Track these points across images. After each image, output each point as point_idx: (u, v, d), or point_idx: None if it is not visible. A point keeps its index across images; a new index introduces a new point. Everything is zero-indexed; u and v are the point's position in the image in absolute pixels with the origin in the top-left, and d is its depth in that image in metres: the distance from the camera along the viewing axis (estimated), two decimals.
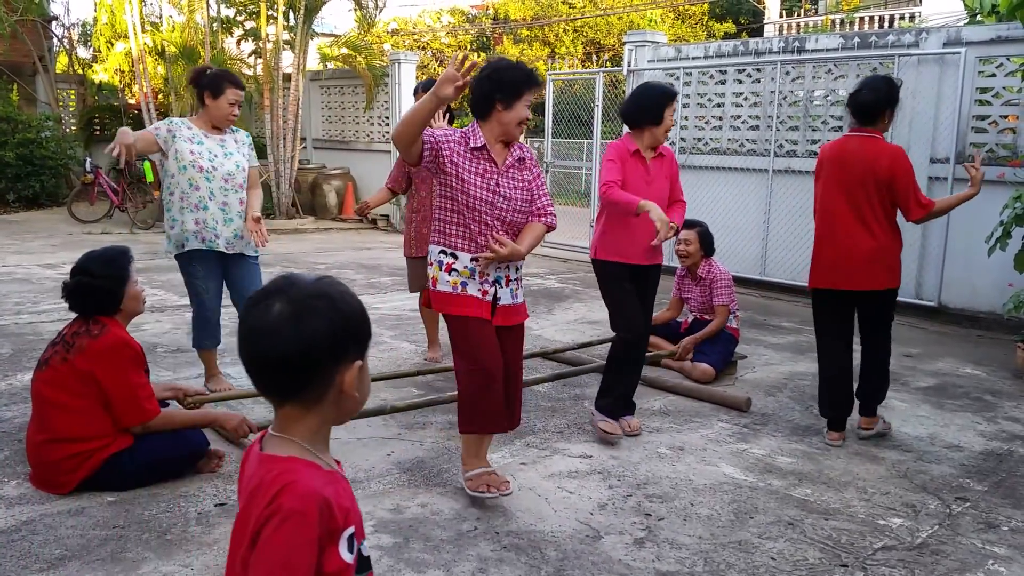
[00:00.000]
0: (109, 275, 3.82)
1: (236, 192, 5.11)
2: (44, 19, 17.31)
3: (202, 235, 5.04)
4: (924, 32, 8.60)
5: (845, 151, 4.64)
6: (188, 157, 4.97)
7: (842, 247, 4.62)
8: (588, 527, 3.64)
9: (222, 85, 5.00)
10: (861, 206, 4.57)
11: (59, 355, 3.74)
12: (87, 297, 3.81)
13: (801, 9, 27.35)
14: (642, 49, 10.95)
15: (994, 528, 3.76)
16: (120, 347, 3.74)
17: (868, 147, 4.58)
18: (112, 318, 3.83)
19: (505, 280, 3.86)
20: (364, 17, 17.36)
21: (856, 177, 4.56)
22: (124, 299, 3.86)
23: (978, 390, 5.97)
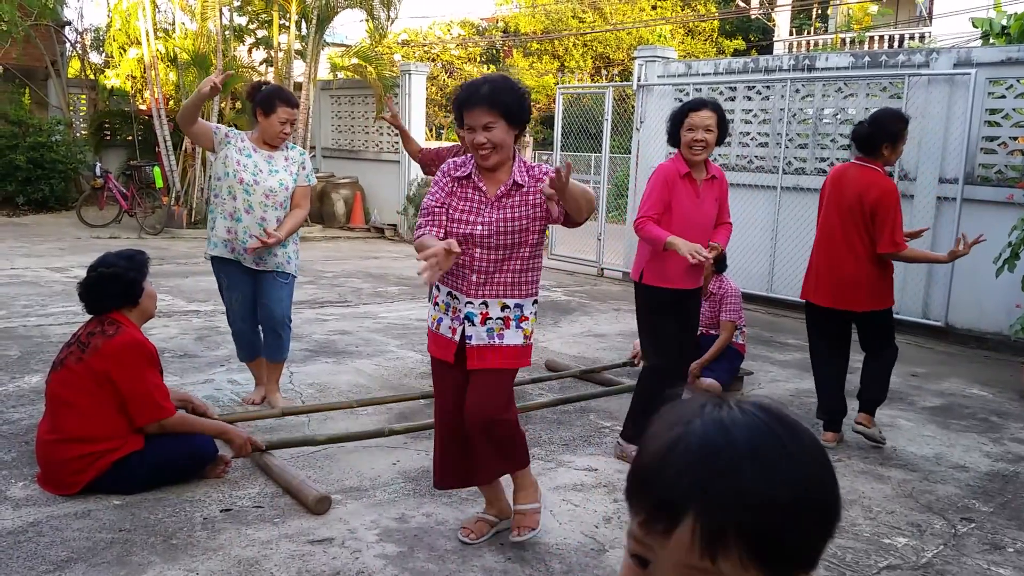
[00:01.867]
0: (130, 267, 3.90)
1: (276, 209, 4.99)
2: (57, 24, 17.41)
3: (232, 245, 5.00)
4: (935, 52, 8.62)
5: (844, 178, 4.86)
6: (233, 166, 4.94)
7: (830, 268, 4.87)
8: (593, 540, 3.64)
9: (274, 103, 4.95)
10: (850, 232, 4.79)
11: (74, 355, 3.78)
12: (107, 288, 3.86)
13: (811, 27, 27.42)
14: (652, 64, 10.99)
15: (999, 549, 3.76)
16: (135, 346, 3.78)
17: (863, 177, 4.79)
18: (127, 318, 3.87)
19: (481, 318, 3.36)
20: (376, 28, 17.40)
21: (848, 203, 4.77)
22: (142, 295, 3.92)
23: (984, 411, 5.96)
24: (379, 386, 5.80)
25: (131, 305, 3.91)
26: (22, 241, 12.36)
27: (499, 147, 3.28)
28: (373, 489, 4.06)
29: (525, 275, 3.43)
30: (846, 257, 4.79)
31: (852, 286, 4.81)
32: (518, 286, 3.41)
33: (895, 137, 4.75)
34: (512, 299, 3.40)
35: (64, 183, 16.13)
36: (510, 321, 3.40)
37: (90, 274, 3.90)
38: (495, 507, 3.67)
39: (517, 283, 3.41)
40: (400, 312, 8.40)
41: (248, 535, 3.53)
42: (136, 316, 3.94)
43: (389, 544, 3.50)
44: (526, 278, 3.44)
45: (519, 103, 3.30)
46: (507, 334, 3.39)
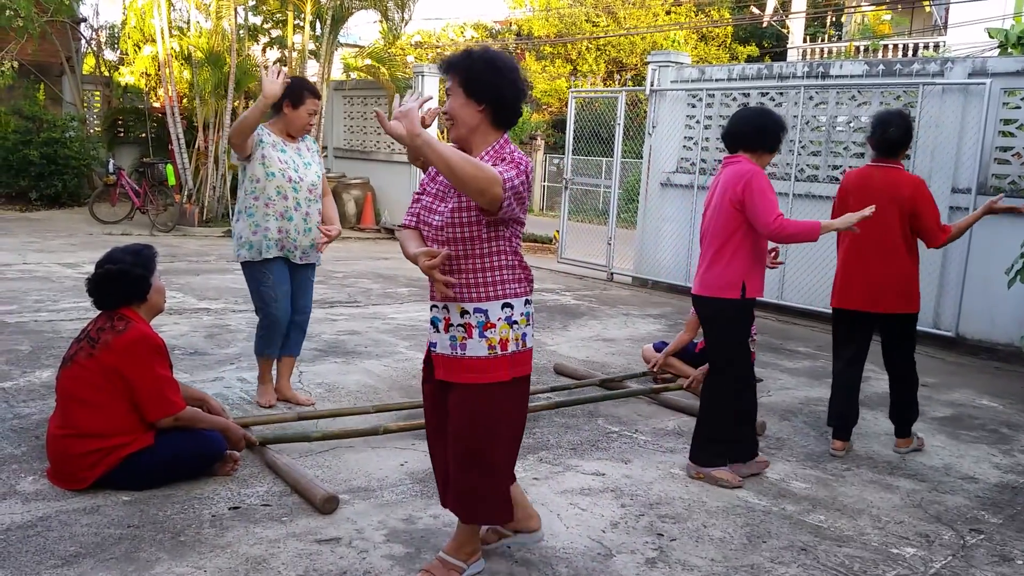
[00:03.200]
0: (137, 263, 3.91)
1: (316, 203, 5.05)
2: (73, 20, 17.49)
3: (283, 244, 4.97)
4: (949, 62, 8.60)
5: (870, 180, 4.84)
6: (278, 165, 4.90)
7: (866, 270, 4.84)
8: (600, 545, 3.63)
9: (303, 95, 4.91)
10: (884, 233, 4.77)
11: (84, 351, 3.79)
12: (115, 284, 3.88)
13: (825, 35, 27.37)
14: (665, 69, 10.99)
15: (1008, 561, 3.74)
16: (144, 341, 3.80)
17: (891, 177, 4.83)
18: (136, 313, 3.89)
19: (444, 323, 3.08)
20: (390, 29, 17.46)
21: (885, 206, 4.71)
22: (150, 290, 3.93)
23: (994, 422, 5.93)
24: (388, 387, 5.81)
25: (139, 301, 3.93)
26: (34, 236, 12.42)
27: (455, 120, 3.02)
28: (381, 490, 4.06)
29: (487, 275, 3.02)
30: (883, 258, 4.81)
31: (887, 287, 4.81)
32: (477, 287, 3.02)
33: (911, 137, 4.95)
34: (471, 303, 3.02)
35: (77, 179, 16.20)
36: (472, 329, 3.02)
37: (98, 270, 3.91)
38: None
39: (476, 284, 3.02)
40: (410, 313, 8.40)
41: (256, 533, 3.53)
42: (145, 311, 3.96)
43: (396, 545, 3.51)
44: (488, 278, 3.02)
45: (480, 72, 2.97)
46: (469, 344, 3.02)
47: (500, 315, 3.03)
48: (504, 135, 3.08)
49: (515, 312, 3.06)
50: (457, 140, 3.07)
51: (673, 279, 10.78)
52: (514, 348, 3.06)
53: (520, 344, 3.08)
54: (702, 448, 4.48)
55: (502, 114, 3.03)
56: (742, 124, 4.47)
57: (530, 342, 3.15)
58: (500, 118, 3.04)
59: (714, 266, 4.37)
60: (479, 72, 2.97)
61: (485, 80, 2.97)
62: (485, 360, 3.02)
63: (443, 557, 3.25)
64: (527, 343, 3.12)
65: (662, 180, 10.95)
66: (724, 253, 4.35)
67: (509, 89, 3.00)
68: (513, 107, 3.05)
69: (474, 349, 3.02)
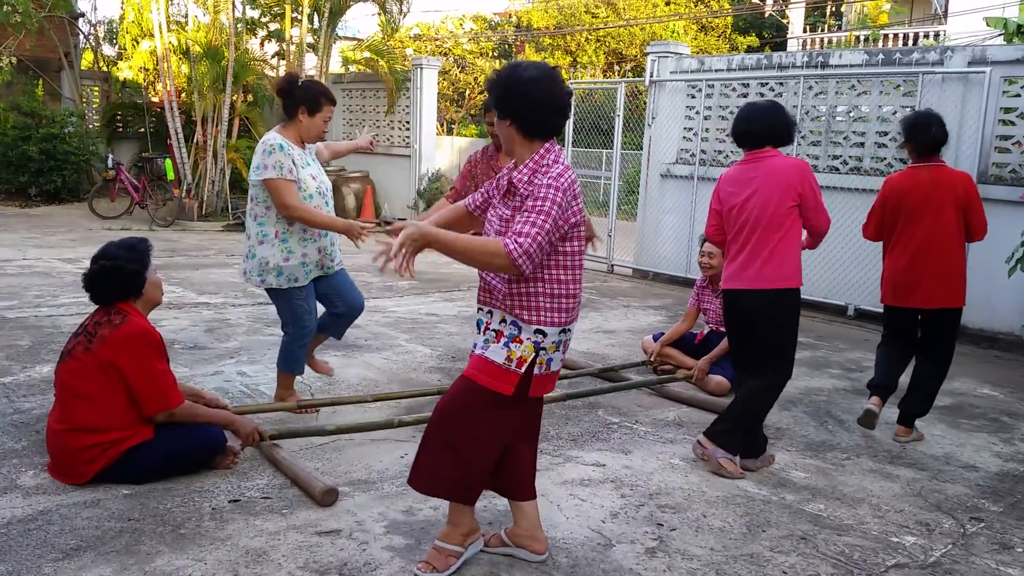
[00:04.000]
0: (131, 258, 3.90)
1: (330, 206, 4.91)
2: (71, 16, 17.46)
3: (322, 263, 4.82)
4: (949, 51, 8.57)
5: (922, 181, 4.96)
6: (312, 184, 4.68)
7: (940, 269, 4.94)
8: (600, 535, 3.64)
9: (320, 102, 4.67)
10: (947, 231, 4.93)
11: (82, 345, 3.79)
12: (109, 281, 3.88)
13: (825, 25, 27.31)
14: (665, 60, 10.96)
15: (1008, 549, 3.74)
16: (141, 335, 3.80)
17: (943, 175, 4.97)
18: (133, 307, 3.89)
19: (484, 326, 3.20)
20: (388, 22, 17.43)
21: (942, 203, 4.90)
22: (145, 285, 3.92)
23: (995, 411, 5.93)
24: (388, 380, 5.81)
25: (135, 295, 3.92)
26: (34, 232, 12.42)
27: (501, 138, 3.22)
28: (381, 482, 4.07)
29: (531, 299, 3.07)
30: (948, 255, 4.93)
31: (949, 283, 4.96)
32: (520, 304, 3.08)
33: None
34: (511, 315, 3.10)
35: (76, 175, 16.20)
36: (502, 336, 3.10)
37: (92, 266, 3.92)
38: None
39: (520, 301, 3.08)
40: (410, 307, 8.41)
41: (256, 526, 3.54)
42: (142, 305, 3.96)
43: (396, 536, 3.51)
44: (531, 302, 3.07)
45: (499, 89, 3.13)
46: (493, 347, 3.11)
47: (531, 337, 3.08)
48: (545, 145, 3.13)
49: (547, 340, 3.09)
50: (507, 154, 3.23)
51: (673, 271, 10.78)
52: (538, 371, 3.12)
53: (544, 368, 3.14)
54: (726, 432, 4.44)
55: (529, 126, 3.10)
56: (772, 119, 4.43)
57: (556, 365, 3.20)
58: (529, 130, 3.11)
59: (774, 258, 4.34)
60: (499, 90, 3.12)
61: (503, 97, 3.11)
62: (499, 368, 3.08)
63: (438, 545, 3.27)
64: (551, 367, 3.17)
65: (662, 171, 10.93)
66: (783, 245, 4.34)
67: (521, 103, 3.06)
68: (534, 118, 3.09)
69: (495, 353, 3.09)
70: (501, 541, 3.43)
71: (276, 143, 4.58)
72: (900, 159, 8.76)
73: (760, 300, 4.36)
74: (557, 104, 3.11)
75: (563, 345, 3.18)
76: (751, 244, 4.36)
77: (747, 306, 4.42)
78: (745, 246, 4.38)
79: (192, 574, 3.13)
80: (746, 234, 4.38)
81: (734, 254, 4.46)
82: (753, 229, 4.36)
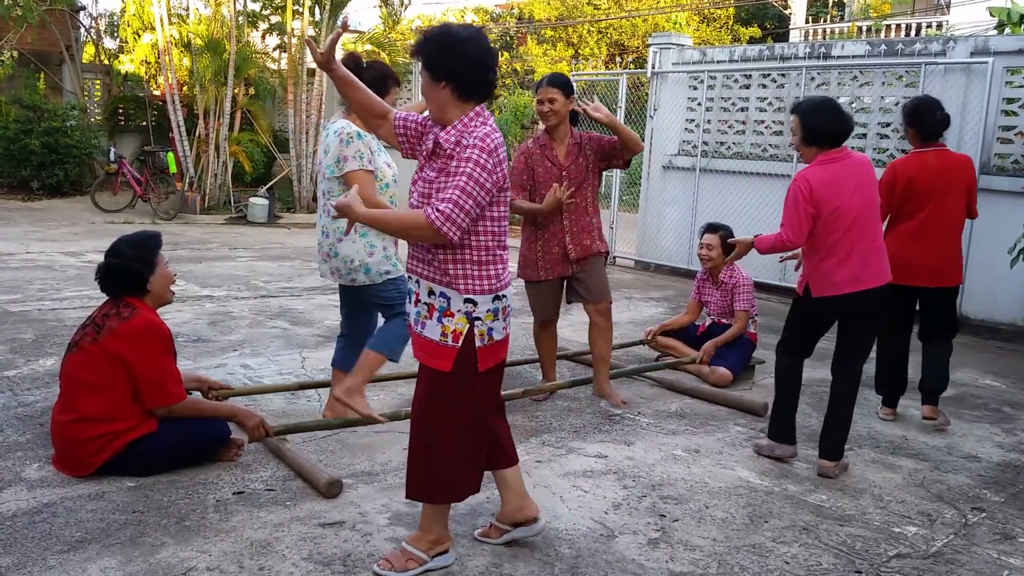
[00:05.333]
0: (137, 257, 3.92)
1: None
2: (72, 9, 17.45)
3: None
4: (951, 41, 8.55)
5: (931, 165, 5.05)
6: (388, 173, 4.41)
7: (940, 249, 5.06)
8: (602, 526, 3.65)
9: (388, 84, 4.34)
10: (954, 212, 5.09)
11: (89, 336, 3.82)
12: (116, 278, 3.91)
13: (827, 15, 27.23)
14: (667, 51, 10.94)
15: (1010, 539, 3.75)
16: (149, 329, 3.81)
17: (949, 158, 5.13)
18: (142, 301, 3.91)
19: (414, 297, 3.12)
20: (389, 14, 17.43)
21: (949, 186, 5.03)
22: (152, 281, 3.95)
23: (997, 401, 5.94)
24: (389, 369, 5.81)
25: (141, 293, 3.94)
26: (37, 226, 12.43)
27: (427, 100, 3.09)
28: (384, 473, 4.08)
29: (457, 267, 3.01)
30: (953, 235, 5.10)
31: (954, 261, 5.13)
32: (445, 272, 3.01)
33: None
34: (438, 285, 3.03)
35: (78, 168, 16.21)
36: (433, 311, 3.04)
37: (104, 261, 3.96)
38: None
39: (445, 269, 3.01)
40: None
41: (260, 517, 3.55)
42: (151, 300, 3.98)
43: (400, 528, 3.52)
44: (459, 270, 3.01)
45: (433, 51, 3.00)
46: (428, 324, 3.04)
47: (461, 307, 3.01)
48: (476, 107, 3.06)
49: (479, 309, 3.02)
50: (434, 119, 3.12)
51: (676, 262, 10.78)
52: (480, 343, 3.04)
53: (486, 339, 3.05)
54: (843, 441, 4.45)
55: (465, 88, 3.01)
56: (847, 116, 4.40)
57: (499, 335, 3.10)
58: (465, 92, 3.02)
59: (884, 253, 4.42)
60: (432, 51, 3.01)
61: (438, 58, 2.99)
62: (436, 345, 3.03)
63: (404, 546, 3.21)
64: (495, 336, 3.08)
65: (664, 163, 10.92)
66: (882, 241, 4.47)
67: (462, 63, 2.97)
68: (473, 78, 3.01)
69: (431, 331, 3.04)
70: (499, 530, 3.42)
71: (353, 131, 4.27)
72: (902, 150, 8.75)
73: (885, 294, 4.39)
74: (493, 63, 3.07)
75: (501, 313, 3.09)
76: (863, 241, 4.28)
77: (874, 307, 4.37)
78: (856, 244, 4.26)
79: (197, 566, 3.14)
80: (855, 233, 4.25)
81: (843, 256, 4.25)
82: (864, 226, 4.28)
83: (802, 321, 4.52)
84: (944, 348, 5.27)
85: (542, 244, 5.23)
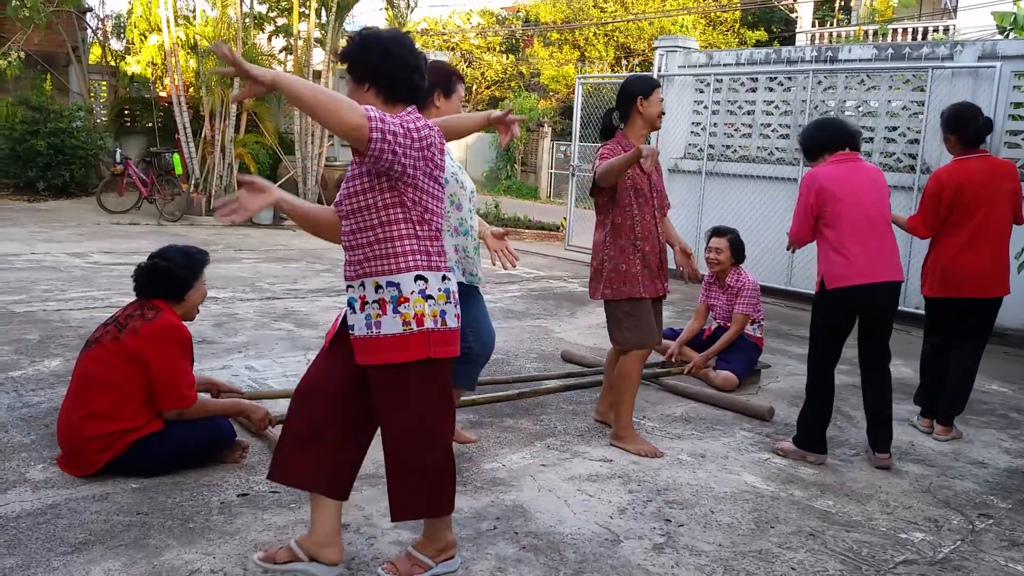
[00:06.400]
0: (185, 265, 4.00)
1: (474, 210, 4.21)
2: (79, 10, 17.49)
3: (463, 265, 4.04)
4: (959, 45, 8.53)
5: (977, 172, 4.96)
6: (450, 168, 3.99)
7: (986, 259, 4.96)
8: (607, 531, 3.63)
9: (453, 82, 4.16)
10: (1002, 221, 5.01)
11: (110, 334, 3.84)
12: (157, 278, 3.97)
13: (834, 19, 27.20)
14: (673, 55, 10.94)
15: (1018, 546, 3.73)
16: (173, 331, 3.86)
17: (995, 165, 5.06)
18: (168, 307, 3.94)
19: (359, 302, 2.92)
20: (395, 17, 17.42)
21: (996, 193, 4.96)
22: (191, 294, 4.02)
23: (1004, 407, 5.91)
24: None
25: (176, 300, 3.99)
26: (42, 226, 12.45)
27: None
28: None
29: (393, 244, 2.87)
30: (1000, 244, 5.01)
31: (1001, 272, 5.03)
32: (386, 258, 2.88)
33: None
34: (383, 276, 2.88)
35: (84, 169, 16.23)
36: (386, 305, 2.87)
37: (148, 261, 4.01)
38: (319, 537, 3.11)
39: (384, 255, 2.88)
40: None
41: (265, 520, 3.54)
42: (180, 310, 4.03)
43: (404, 531, 3.51)
44: (396, 248, 2.87)
45: (354, 55, 2.93)
46: (384, 321, 2.87)
47: (413, 288, 2.88)
48: (408, 108, 2.95)
49: (430, 286, 2.90)
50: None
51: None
52: (431, 325, 2.89)
53: (439, 322, 2.91)
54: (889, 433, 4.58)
55: (390, 90, 2.92)
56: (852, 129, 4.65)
57: (452, 322, 2.96)
58: (391, 94, 2.93)
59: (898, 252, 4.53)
60: (354, 55, 2.93)
61: (359, 61, 2.92)
62: (397, 338, 2.86)
63: (410, 552, 3.16)
64: (448, 322, 2.94)
65: (670, 166, 10.90)
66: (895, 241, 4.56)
67: (383, 63, 2.88)
68: (397, 79, 2.91)
69: (389, 326, 2.86)
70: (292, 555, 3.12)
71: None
72: (910, 154, 8.73)
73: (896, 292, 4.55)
74: (419, 63, 2.96)
75: (452, 296, 2.97)
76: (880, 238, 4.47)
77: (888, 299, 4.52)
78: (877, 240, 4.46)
79: (201, 568, 3.13)
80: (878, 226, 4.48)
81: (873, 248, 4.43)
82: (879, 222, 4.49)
83: (821, 317, 4.59)
84: (971, 365, 5.14)
85: (643, 256, 4.62)
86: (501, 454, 4.44)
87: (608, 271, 4.61)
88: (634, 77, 4.89)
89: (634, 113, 4.71)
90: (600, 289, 4.66)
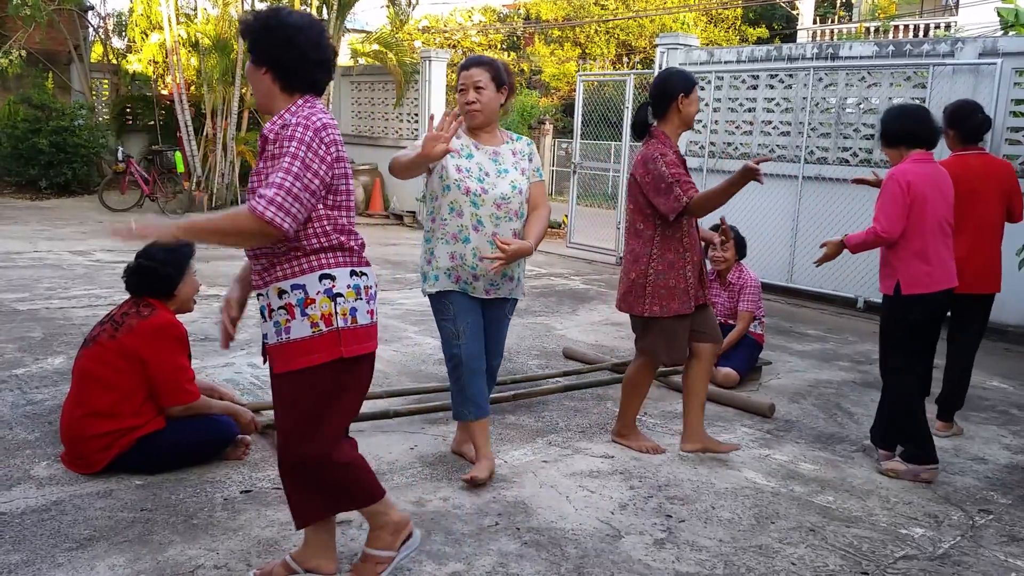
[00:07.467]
0: (169, 261, 4.00)
1: (511, 220, 3.96)
2: (80, 8, 17.48)
3: (457, 274, 3.96)
4: (960, 42, 8.54)
5: (971, 168, 4.97)
6: (454, 175, 3.91)
7: (981, 255, 4.99)
8: (609, 526, 3.65)
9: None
10: (994, 217, 5.04)
11: (107, 333, 3.86)
12: (143, 278, 3.98)
13: (835, 16, 27.19)
14: (674, 52, 10.94)
15: (1018, 541, 3.74)
16: (168, 328, 3.88)
17: (990, 162, 5.10)
18: (163, 303, 3.95)
19: (267, 310, 2.82)
20: (396, 14, 17.44)
21: (991, 190, 4.98)
22: (180, 288, 4.04)
23: (1004, 403, 5.93)
24: (397, 372, 5.83)
25: (167, 296, 4.00)
26: (45, 224, 12.47)
27: (252, 87, 2.85)
28: (391, 473, 4.09)
29: (288, 248, 2.75)
30: (993, 240, 5.05)
31: (994, 268, 5.07)
32: (289, 262, 2.75)
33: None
34: (287, 280, 2.75)
35: (86, 167, 16.23)
36: (293, 308, 2.75)
37: (134, 260, 4.03)
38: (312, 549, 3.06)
39: (288, 259, 2.76)
40: (418, 299, 8.41)
41: (268, 516, 3.56)
42: (174, 305, 4.05)
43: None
44: (292, 252, 2.75)
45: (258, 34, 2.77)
46: (293, 326, 2.75)
47: (319, 288, 2.75)
48: (306, 96, 2.81)
49: (338, 284, 2.77)
50: (259, 108, 2.89)
51: None
52: (342, 324, 2.76)
53: (349, 320, 2.78)
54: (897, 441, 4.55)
55: (289, 78, 2.77)
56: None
57: (364, 319, 2.83)
58: (290, 82, 2.78)
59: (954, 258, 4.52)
60: (257, 34, 2.77)
61: (262, 42, 2.76)
62: (310, 340, 2.74)
63: (366, 552, 3.05)
64: (359, 319, 2.81)
65: None
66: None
67: (285, 49, 2.73)
68: (296, 70, 2.76)
69: (299, 330, 2.74)
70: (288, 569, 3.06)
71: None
72: None
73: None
74: (323, 57, 2.79)
75: (364, 292, 2.84)
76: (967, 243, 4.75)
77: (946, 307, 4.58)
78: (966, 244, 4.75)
79: (204, 564, 3.15)
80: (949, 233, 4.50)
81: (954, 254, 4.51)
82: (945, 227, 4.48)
83: (898, 323, 4.41)
84: (967, 361, 5.17)
85: (692, 268, 4.35)
86: (503, 450, 4.45)
87: (654, 286, 4.28)
88: (675, 72, 4.45)
89: (672, 111, 4.30)
90: (646, 306, 4.30)
